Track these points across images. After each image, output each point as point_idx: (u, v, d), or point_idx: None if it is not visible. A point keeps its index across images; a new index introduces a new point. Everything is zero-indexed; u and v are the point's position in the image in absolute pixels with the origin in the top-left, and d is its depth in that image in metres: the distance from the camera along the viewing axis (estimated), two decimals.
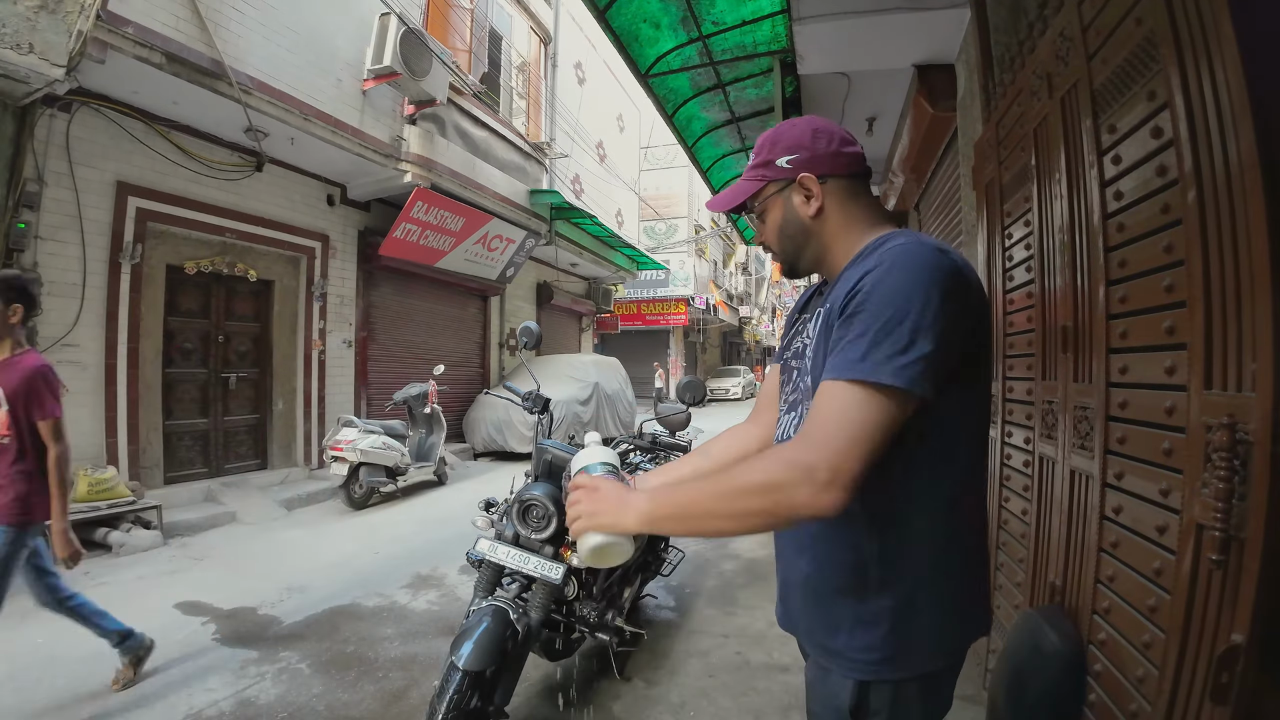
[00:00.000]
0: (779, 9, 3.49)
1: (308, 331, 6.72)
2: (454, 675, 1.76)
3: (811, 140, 1.00)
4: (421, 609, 3.40)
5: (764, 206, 1.05)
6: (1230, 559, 1.02)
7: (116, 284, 4.87)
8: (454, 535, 4.60)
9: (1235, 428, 1.02)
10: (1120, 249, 1.44)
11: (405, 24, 5.99)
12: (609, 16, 3.60)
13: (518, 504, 2.20)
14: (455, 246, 7.99)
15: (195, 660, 2.76)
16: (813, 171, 0.99)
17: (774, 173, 1.02)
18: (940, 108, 3.56)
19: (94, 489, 4.37)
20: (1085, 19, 1.56)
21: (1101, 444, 1.50)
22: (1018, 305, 2.18)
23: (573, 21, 10.95)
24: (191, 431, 5.81)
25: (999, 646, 2.06)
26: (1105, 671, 1.44)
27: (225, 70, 4.73)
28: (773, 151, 1.02)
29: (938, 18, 3.17)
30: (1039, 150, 1.91)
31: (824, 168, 0.99)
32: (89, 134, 4.64)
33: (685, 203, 19.83)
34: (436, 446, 6.78)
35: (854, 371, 0.80)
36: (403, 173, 6.70)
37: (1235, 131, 1.03)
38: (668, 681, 2.65)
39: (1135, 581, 1.34)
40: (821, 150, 0.99)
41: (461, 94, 7.41)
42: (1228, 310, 1.06)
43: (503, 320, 10.44)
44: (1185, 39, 1.15)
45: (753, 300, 30.71)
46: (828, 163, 0.99)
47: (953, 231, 4.12)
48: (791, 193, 1.01)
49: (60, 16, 3.64)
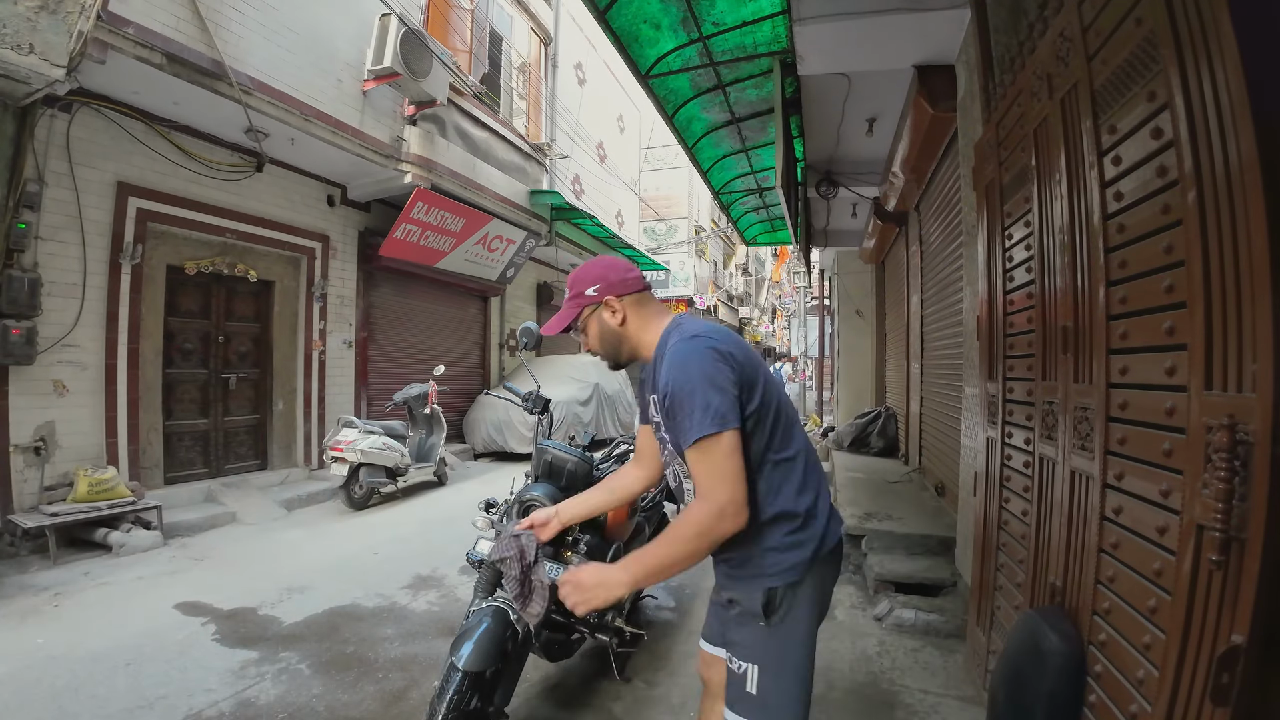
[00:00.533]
0: (779, 10, 3.49)
1: (308, 332, 6.72)
2: (454, 676, 1.76)
3: (606, 273, 1.43)
4: (421, 609, 3.40)
5: (585, 324, 1.46)
6: (1230, 560, 1.02)
7: (117, 284, 4.87)
8: (454, 536, 4.59)
9: (1236, 428, 1.02)
10: (1120, 249, 1.44)
11: (405, 24, 5.99)
12: (609, 17, 3.60)
13: (518, 505, 2.20)
14: (455, 247, 7.99)
15: (195, 661, 2.76)
16: (612, 294, 1.41)
17: (586, 300, 1.43)
18: (940, 108, 3.56)
19: (94, 489, 4.37)
20: (1085, 20, 1.56)
21: (1102, 445, 1.50)
22: (1018, 306, 2.18)
23: (573, 22, 10.95)
24: (192, 432, 5.81)
25: (999, 647, 2.06)
26: (1105, 672, 1.43)
27: (226, 71, 4.73)
28: (581, 285, 1.43)
29: (938, 18, 3.17)
30: (1039, 151, 1.91)
31: (619, 290, 1.42)
32: (89, 134, 4.64)
33: (685, 203, 19.80)
34: (436, 447, 6.77)
35: (694, 436, 1.21)
36: (403, 173, 6.70)
37: (1235, 132, 1.03)
38: (668, 682, 2.65)
39: (1135, 582, 1.34)
40: (614, 279, 1.42)
41: (462, 94, 7.41)
42: (1228, 311, 1.06)
43: (503, 321, 10.44)
44: (1185, 40, 1.15)
45: (753, 301, 30.70)
46: (620, 286, 1.42)
47: (953, 232, 4.13)
48: (601, 311, 1.43)
49: (61, 17, 3.64)
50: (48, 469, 4.42)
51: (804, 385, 14.35)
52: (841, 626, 3.21)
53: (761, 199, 7.17)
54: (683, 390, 1.24)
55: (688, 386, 1.23)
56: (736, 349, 1.30)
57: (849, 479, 5.63)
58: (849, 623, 3.26)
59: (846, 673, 2.73)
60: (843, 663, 2.82)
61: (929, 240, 5.19)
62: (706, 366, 1.23)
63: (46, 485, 4.38)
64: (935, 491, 4.90)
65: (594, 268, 1.45)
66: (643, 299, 1.45)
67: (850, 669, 2.76)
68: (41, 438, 4.39)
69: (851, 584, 3.81)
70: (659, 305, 1.49)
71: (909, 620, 3.14)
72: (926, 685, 2.61)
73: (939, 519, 4.17)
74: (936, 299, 4.95)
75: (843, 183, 6.11)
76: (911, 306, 5.89)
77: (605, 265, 1.45)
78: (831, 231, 8.00)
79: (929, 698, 2.51)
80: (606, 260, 1.47)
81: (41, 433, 4.40)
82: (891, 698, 2.52)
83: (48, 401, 4.45)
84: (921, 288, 5.49)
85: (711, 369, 1.23)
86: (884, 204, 5.94)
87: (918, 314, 5.62)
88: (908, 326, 6.14)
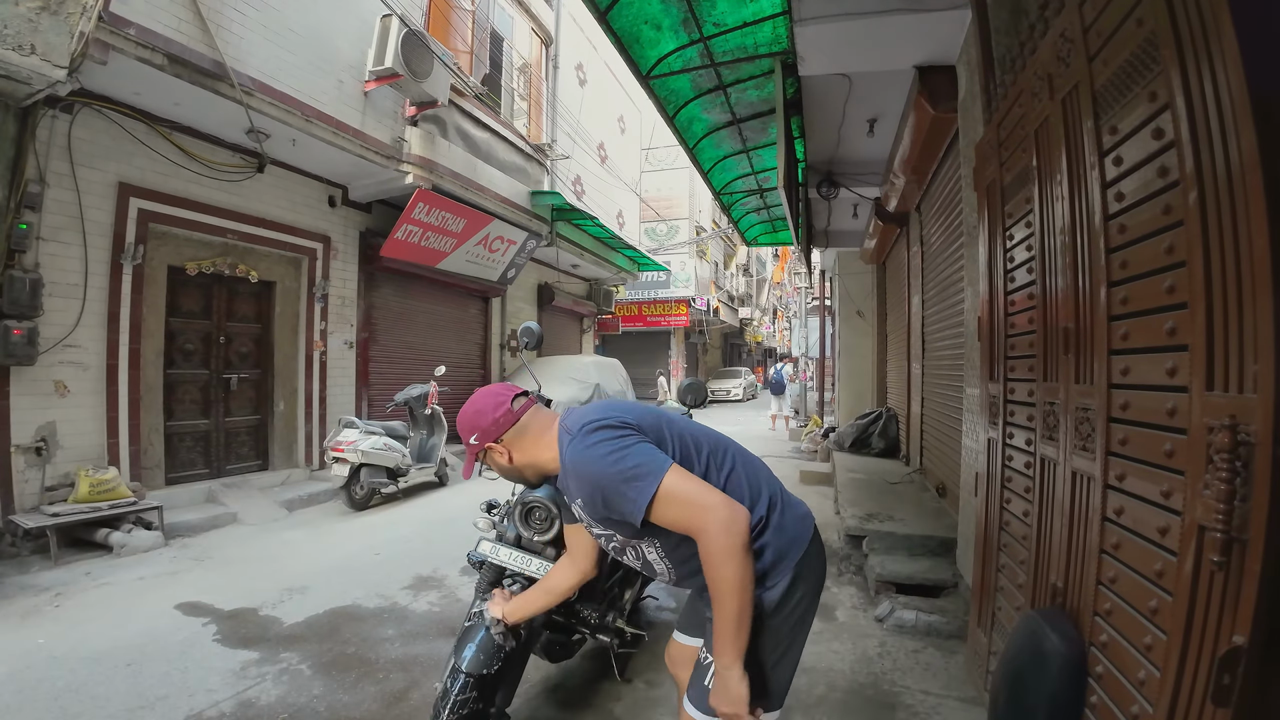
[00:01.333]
0: (780, 10, 3.49)
1: (309, 332, 6.72)
2: (457, 678, 1.76)
3: (476, 420, 1.42)
4: (422, 610, 3.40)
5: (488, 463, 1.48)
6: (1232, 560, 1.02)
7: (118, 285, 4.88)
8: (455, 536, 4.60)
9: (1237, 429, 1.02)
10: (1121, 250, 1.44)
11: (407, 25, 6.00)
12: (610, 18, 3.60)
13: (519, 506, 2.20)
14: (456, 248, 7.99)
15: (196, 661, 2.76)
16: (490, 439, 1.41)
17: (474, 448, 1.44)
18: (941, 109, 3.56)
19: (95, 490, 4.37)
20: (1086, 20, 1.56)
21: (1103, 445, 1.50)
22: (1019, 306, 2.18)
23: (574, 23, 10.95)
24: (193, 432, 5.81)
25: (1000, 648, 2.05)
26: (1106, 673, 1.43)
27: (227, 72, 4.74)
28: (466, 436, 1.44)
29: (939, 19, 3.17)
30: (1040, 151, 1.90)
31: (494, 433, 1.41)
32: (91, 135, 4.65)
33: (686, 204, 19.84)
34: (438, 448, 6.78)
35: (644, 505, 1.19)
36: (404, 174, 6.71)
37: (1236, 132, 1.03)
38: (668, 683, 2.65)
39: (1137, 583, 1.34)
40: (486, 425, 1.41)
41: (463, 95, 7.42)
42: (1229, 311, 1.06)
43: (504, 321, 10.44)
44: (1186, 40, 1.15)
45: (754, 301, 30.71)
46: (494, 430, 1.41)
47: (954, 233, 4.13)
48: (491, 454, 1.44)
49: (62, 18, 3.65)
50: (49, 469, 4.42)
51: (805, 386, 14.33)
52: (843, 627, 3.21)
53: (762, 199, 7.17)
54: (600, 487, 1.23)
55: (603, 481, 1.22)
56: (625, 413, 1.31)
57: (850, 480, 5.62)
58: (850, 623, 3.25)
59: (848, 673, 2.73)
60: (844, 663, 2.82)
61: (930, 241, 5.19)
62: (603, 451, 1.23)
63: (48, 485, 4.39)
64: (936, 492, 4.90)
65: (467, 417, 1.44)
66: (521, 428, 1.42)
67: (851, 670, 2.76)
68: (43, 438, 4.40)
69: (853, 585, 3.81)
70: (541, 419, 1.44)
71: (910, 621, 3.14)
72: (928, 686, 2.61)
73: (940, 520, 4.16)
74: (937, 299, 4.95)
75: (844, 183, 6.12)
76: (912, 307, 5.89)
77: (474, 412, 1.43)
78: (832, 232, 8.01)
79: (930, 699, 2.51)
80: (477, 404, 1.45)
81: (43, 433, 4.41)
82: (892, 699, 2.52)
83: (49, 402, 4.46)
84: (922, 288, 5.49)
85: (610, 448, 1.23)
86: (885, 204, 5.94)
87: (919, 314, 5.62)
88: (909, 327, 6.13)
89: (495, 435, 1.41)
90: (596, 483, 1.24)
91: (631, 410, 1.34)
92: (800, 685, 2.62)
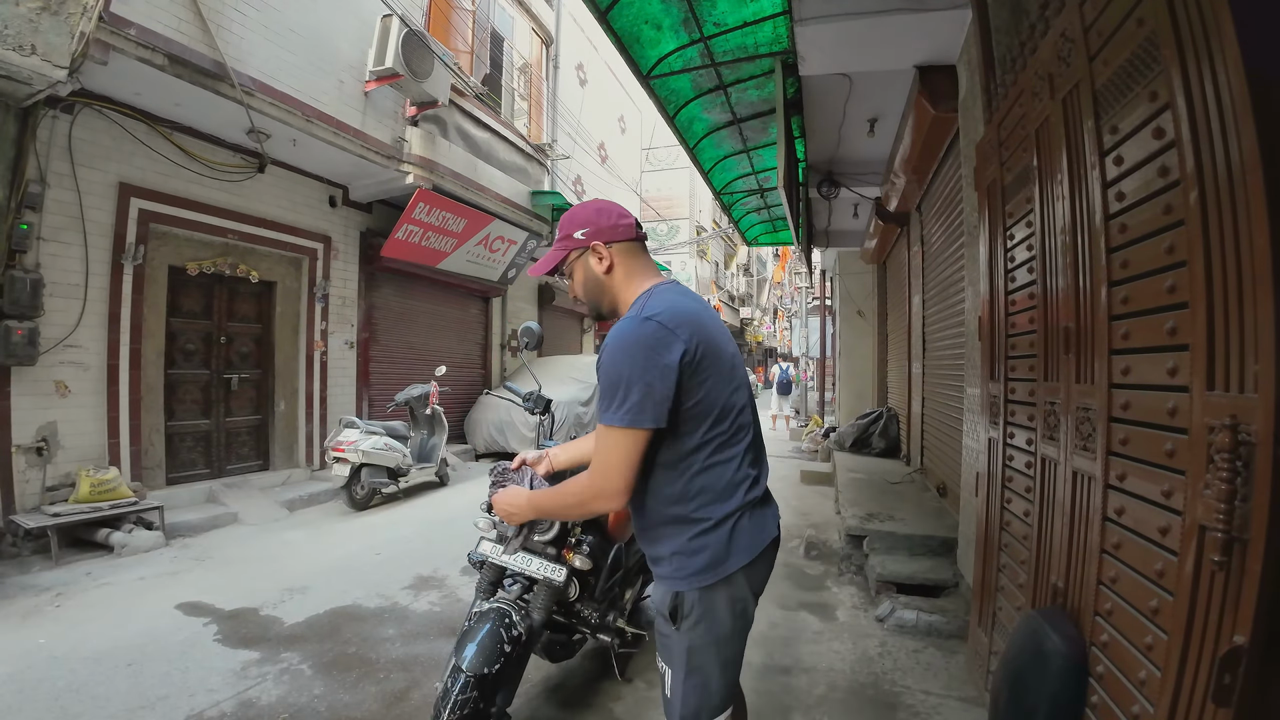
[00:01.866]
0: (780, 10, 3.49)
1: (309, 333, 6.72)
2: (458, 678, 1.76)
3: (597, 217, 1.36)
4: (423, 610, 3.40)
5: (571, 269, 1.41)
6: (1232, 560, 1.02)
7: (119, 285, 4.88)
8: (455, 536, 4.60)
9: (1238, 429, 1.02)
10: (1122, 250, 1.44)
11: (407, 25, 6.00)
12: (610, 18, 3.60)
13: None
14: (457, 248, 7.99)
15: (196, 661, 2.76)
16: (601, 240, 1.34)
17: (574, 243, 1.37)
18: (942, 109, 3.56)
19: (96, 490, 4.38)
20: (1087, 20, 1.56)
21: (1104, 445, 1.50)
22: (1020, 306, 2.18)
23: (574, 23, 10.95)
24: (194, 432, 5.82)
25: (1001, 648, 2.05)
26: (1107, 673, 1.43)
27: (227, 72, 4.74)
28: (570, 228, 1.37)
29: (939, 19, 3.17)
30: (1041, 151, 1.90)
31: (608, 236, 1.35)
32: (91, 135, 4.65)
33: (687, 204, 19.84)
34: (438, 447, 6.78)
35: (605, 420, 1.22)
36: (404, 174, 6.70)
37: (1237, 132, 1.03)
38: None
39: (1137, 583, 1.34)
40: (605, 224, 1.35)
41: (463, 95, 7.42)
42: (1230, 311, 1.06)
43: (504, 321, 10.44)
44: (1187, 40, 1.15)
45: (754, 301, 30.72)
46: (610, 233, 1.35)
47: (954, 233, 4.12)
48: (588, 256, 1.37)
49: (63, 18, 3.65)
50: (50, 469, 4.43)
51: (805, 386, 14.33)
52: (843, 627, 3.21)
53: (763, 199, 7.18)
54: (608, 376, 1.22)
55: (614, 373, 1.20)
56: (696, 333, 1.23)
57: (851, 480, 5.62)
58: (851, 623, 3.25)
59: (848, 673, 2.73)
60: (844, 663, 2.82)
61: (930, 240, 5.19)
62: (639, 357, 1.19)
63: (48, 485, 4.39)
64: (937, 492, 4.90)
65: (585, 210, 1.38)
66: (633, 250, 1.37)
67: (852, 670, 2.76)
68: (43, 438, 4.40)
69: (853, 584, 3.81)
70: (649, 261, 1.41)
71: (911, 621, 3.14)
72: (928, 686, 2.61)
73: (941, 520, 4.16)
74: (938, 299, 4.95)
75: (844, 183, 6.12)
76: (913, 307, 5.89)
77: (596, 209, 1.37)
78: (833, 232, 8.01)
79: (931, 699, 2.51)
80: (599, 204, 1.40)
81: (43, 433, 4.41)
82: (893, 699, 2.52)
83: (50, 402, 4.46)
84: (923, 288, 5.49)
85: (644, 361, 1.18)
86: (885, 204, 5.94)
87: (919, 314, 5.62)
88: (909, 327, 6.13)
89: (609, 238, 1.34)
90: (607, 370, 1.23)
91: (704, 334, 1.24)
92: (801, 685, 2.62)
